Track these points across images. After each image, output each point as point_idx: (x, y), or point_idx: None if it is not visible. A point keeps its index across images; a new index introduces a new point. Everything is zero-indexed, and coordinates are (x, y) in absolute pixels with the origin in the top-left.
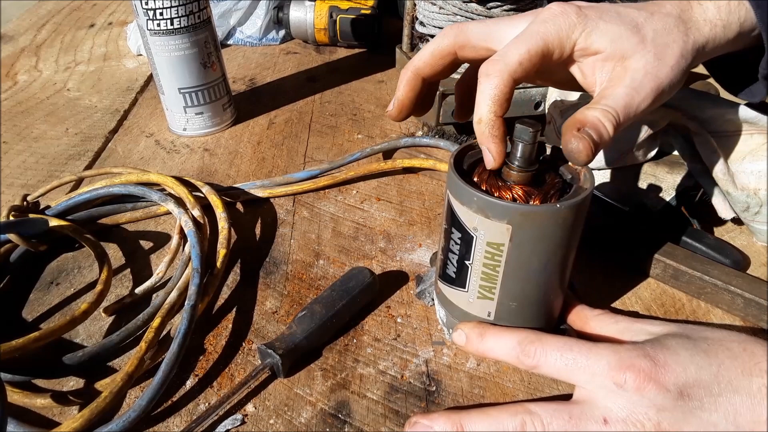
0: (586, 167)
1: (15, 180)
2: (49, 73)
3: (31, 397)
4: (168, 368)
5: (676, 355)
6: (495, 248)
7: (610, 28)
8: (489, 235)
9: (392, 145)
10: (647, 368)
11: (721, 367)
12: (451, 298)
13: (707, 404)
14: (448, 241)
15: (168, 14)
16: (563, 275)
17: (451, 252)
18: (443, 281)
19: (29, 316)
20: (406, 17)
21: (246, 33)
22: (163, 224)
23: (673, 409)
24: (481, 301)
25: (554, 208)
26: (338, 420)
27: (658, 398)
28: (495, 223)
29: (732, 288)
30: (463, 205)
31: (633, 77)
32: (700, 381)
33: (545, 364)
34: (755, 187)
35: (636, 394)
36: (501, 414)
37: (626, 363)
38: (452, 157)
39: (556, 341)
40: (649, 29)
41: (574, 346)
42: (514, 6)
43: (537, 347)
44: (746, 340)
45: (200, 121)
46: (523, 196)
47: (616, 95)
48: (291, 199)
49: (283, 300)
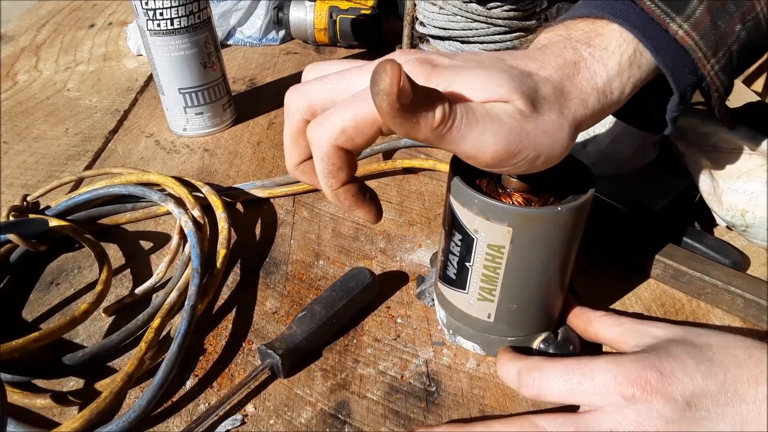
0: (589, 171)
1: (15, 180)
2: (49, 73)
3: (31, 398)
4: (168, 368)
5: (682, 364)
6: (495, 250)
7: (469, 81)
8: (490, 238)
9: (392, 146)
10: (654, 380)
11: (727, 376)
12: (451, 299)
13: (714, 414)
14: (449, 242)
15: (168, 14)
16: (563, 277)
17: (451, 254)
18: (443, 282)
19: (29, 317)
20: (406, 17)
21: (246, 33)
22: (163, 224)
23: (681, 420)
24: (481, 303)
25: (555, 211)
26: (338, 420)
27: (665, 410)
28: (496, 225)
29: (732, 288)
30: (464, 207)
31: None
32: (707, 391)
33: (548, 391)
34: (743, 208)
35: (644, 407)
36: (506, 428)
37: (632, 376)
38: (453, 159)
39: (554, 367)
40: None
41: (575, 368)
42: (514, 6)
43: (535, 376)
44: (751, 346)
45: (200, 121)
46: (523, 203)
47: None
48: (291, 200)
49: (283, 300)
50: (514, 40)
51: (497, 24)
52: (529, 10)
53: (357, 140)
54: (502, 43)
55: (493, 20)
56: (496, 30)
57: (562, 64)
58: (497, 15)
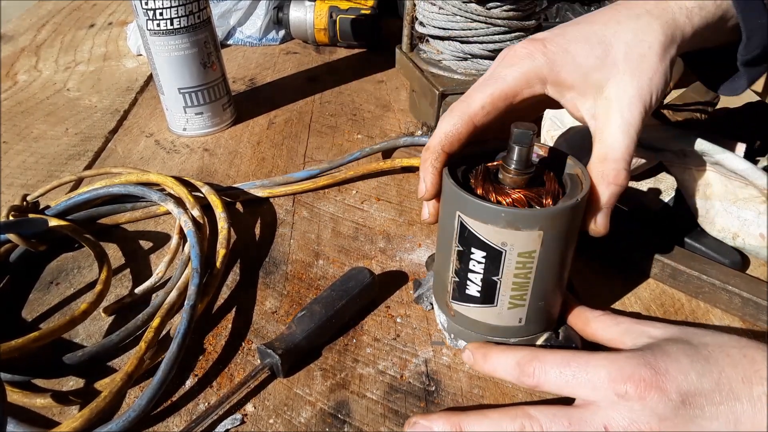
0: (581, 168)
1: (15, 180)
2: (49, 73)
3: (31, 397)
4: (167, 368)
5: (677, 362)
6: (527, 257)
7: (578, 59)
8: (520, 246)
9: (391, 145)
10: (648, 377)
11: (722, 375)
12: (475, 317)
13: (708, 412)
14: (466, 262)
15: (168, 14)
16: (571, 263)
17: (472, 272)
18: (461, 302)
19: (29, 316)
20: (406, 17)
21: (246, 33)
22: (162, 224)
23: (674, 418)
24: (512, 311)
25: (575, 203)
26: (338, 420)
27: (659, 407)
28: (527, 233)
29: (730, 287)
30: (487, 224)
31: (620, 108)
32: (702, 389)
33: (546, 382)
34: (735, 232)
35: (638, 404)
36: (500, 417)
37: (626, 373)
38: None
39: (554, 357)
40: (619, 45)
41: (572, 360)
42: (514, 6)
43: (536, 366)
44: (746, 346)
45: (200, 121)
46: (524, 199)
47: (616, 139)
48: (291, 199)
49: (283, 300)
50: (514, 40)
51: (497, 24)
52: (528, 10)
53: (493, 115)
54: (502, 43)
55: (492, 20)
56: (496, 30)
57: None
58: (497, 15)
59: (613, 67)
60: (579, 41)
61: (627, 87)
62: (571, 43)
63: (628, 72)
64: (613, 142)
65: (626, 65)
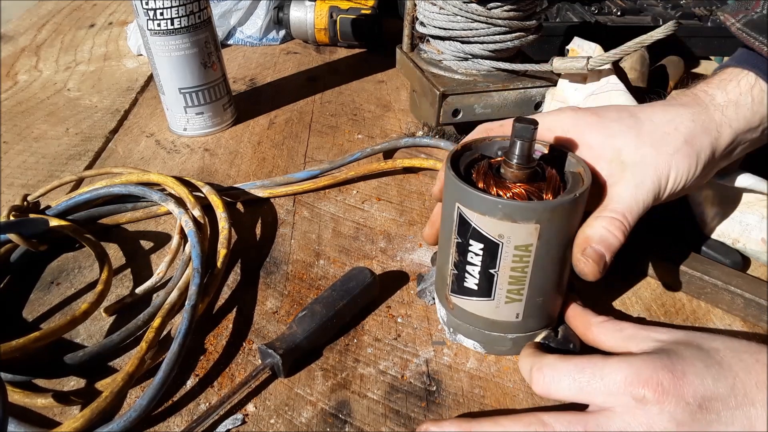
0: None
1: (15, 180)
2: (49, 73)
3: (32, 397)
4: (168, 368)
5: (692, 366)
6: (523, 250)
7: (605, 123)
8: (516, 239)
9: (392, 145)
10: (666, 381)
11: (737, 379)
12: (473, 310)
13: (724, 417)
14: (465, 254)
15: (168, 14)
16: (570, 265)
17: (470, 265)
18: (460, 295)
19: (30, 316)
20: (406, 17)
21: (246, 33)
22: (163, 224)
23: (691, 423)
24: (509, 305)
25: (574, 198)
26: (339, 420)
27: (677, 412)
28: (523, 225)
29: (732, 288)
30: (485, 215)
31: (633, 171)
32: (718, 393)
33: (558, 390)
34: (736, 237)
35: (655, 408)
36: (513, 424)
37: (644, 377)
38: (451, 168)
39: (565, 365)
40: (648, 122)
41: (586, 367)
42: (514, 6)
43: (546, 373)
44: (758, 351)
45: (200, 121)
46: (525, 193)
47: (621, 196)
48: (291, 199)
49: (284, 300)
50: (514, 40)
51: (497, 24)
52: (529, 10)
53: None
54: (502, 43)
55: (493, 20)
56: (496, 30)
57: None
58: (497, 15)
59: (636, 136)
60: (610, 110)
61: (646, 155)
62: (601, 110)
63: (649, 142)
64: (616, 194)
65: (650, 138)
